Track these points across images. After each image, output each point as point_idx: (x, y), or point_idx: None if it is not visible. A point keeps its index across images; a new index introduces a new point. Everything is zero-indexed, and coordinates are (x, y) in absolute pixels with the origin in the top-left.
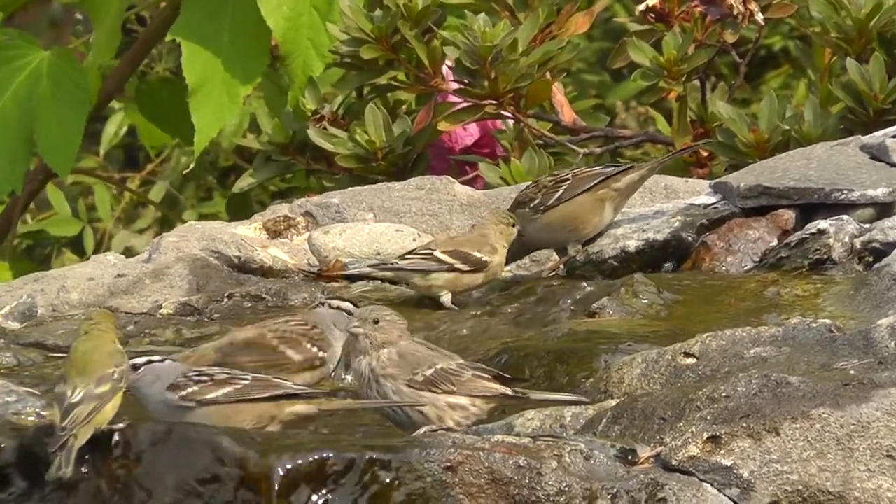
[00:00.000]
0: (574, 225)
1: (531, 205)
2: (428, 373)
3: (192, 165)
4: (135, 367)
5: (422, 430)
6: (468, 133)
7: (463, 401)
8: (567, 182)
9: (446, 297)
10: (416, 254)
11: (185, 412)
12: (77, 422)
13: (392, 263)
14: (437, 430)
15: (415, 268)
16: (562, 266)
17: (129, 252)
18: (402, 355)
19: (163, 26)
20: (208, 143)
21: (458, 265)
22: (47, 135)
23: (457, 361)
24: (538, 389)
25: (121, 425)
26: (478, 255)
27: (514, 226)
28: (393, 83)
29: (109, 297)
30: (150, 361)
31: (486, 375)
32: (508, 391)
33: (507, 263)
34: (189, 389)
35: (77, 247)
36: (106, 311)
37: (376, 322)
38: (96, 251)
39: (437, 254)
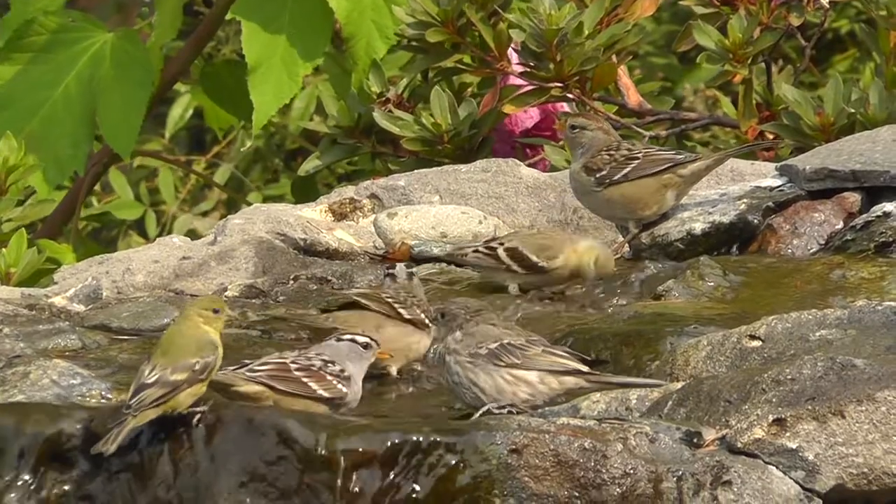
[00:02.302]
0: (633, 207)
1: (597, 175)
2: (492, 346)
3: (249, 143)
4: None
5: (483, 409)
6: (529, 116)
7: (530, 376)
8: (637, 161)
9: (513, 287)
10: (484, 247)
11: None
12: (142, 404)
13: (461, 255)
14: (499, 410)
15: (477, 263)
16: (626, 248)
17: (192, 235)
18: (468, 334)
19: (227, 8)
20: (269, 122)
21: (514, 267)
22: (109, 115)
23: (529, 338)
24: (617, 374)
25: (203, 408)
26: (534, 259)
27: (593, 267)
28: (459, 66)
29: (175, 279)
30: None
31: (560, 353)
32: (581, 367)
33: None
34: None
35: (143, 229)
36: (209, 298)
37: (443, 316)
38: (159, 235)
39: (500, 252)
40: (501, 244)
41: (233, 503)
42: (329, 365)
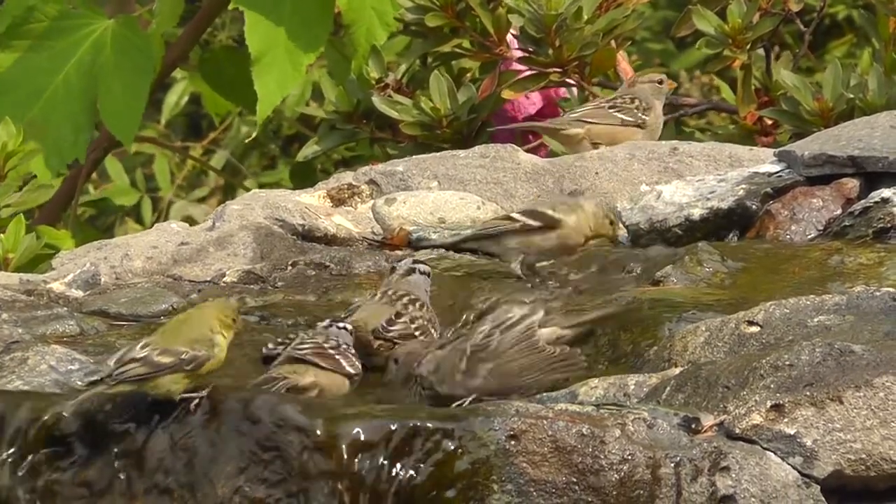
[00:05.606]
0: None
1: None
2: (462, 367)
3: (254, 134)
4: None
5: (473, 396)
6: (531, 102)
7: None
8: None
9: (515, 265)
10: (495, 219)
11: None
12: (122, 376)
13: (472, 232)
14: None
15: (488, 232)
16: None
17: (188, 222)
18: (438, 364)
19: None
20: (271, 111)
21: (529, 222)
22: (110, 103)
23: (482, 331)
24: (604, 360)
25: (201, 393)
26: (550, 212)
27: (612, 223)
28: (458, 51)
29: (173, 265)
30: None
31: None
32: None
33: None
34: None
35: (139, 217)
36: (230, 306)
37: (396, 362)
38: (156, 222)
39: (514, 214)
40: (510, 212)
41: (231, 489)
42: (345, 345)
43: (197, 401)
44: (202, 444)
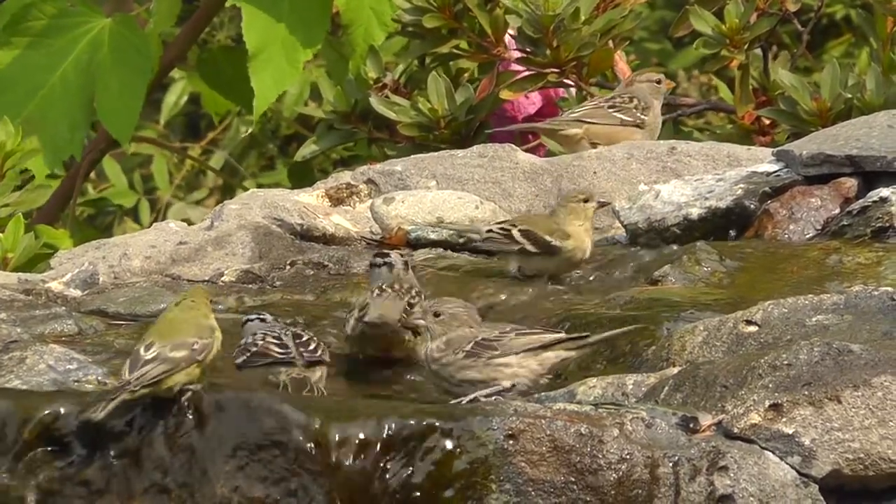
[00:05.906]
0: None
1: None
2: (467, 347)
3: (250, 130)
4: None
5: (470, 396)
6: (531, 102)
7: (509, 359)
8: None
9: (513, 266)
10: (498, 228)
11: None
12: (143, 381)
13: (472, 239)
14: (486, 398)
15: (490, 246)
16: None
17: (186, 223)
18: (448, 342)
19: None
20: (268, 108)
21: (528, 246)
22: (107, 101)
23: (501, 329)
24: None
25: (195, 387)
26: (548, 238)
27: (586, 201)
28: (455, 52)
29: (171, 264)
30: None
31: (532, 331)
32: (558, 336)
33: None
34: None
35: (137, 217)
36: (201, 288)
37: (437, 315)
38: (153, 222)
39: (514, 232)
40: (514, 225)
41: (229, 487)
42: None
43: (190, 394)
44: (201, 442)
